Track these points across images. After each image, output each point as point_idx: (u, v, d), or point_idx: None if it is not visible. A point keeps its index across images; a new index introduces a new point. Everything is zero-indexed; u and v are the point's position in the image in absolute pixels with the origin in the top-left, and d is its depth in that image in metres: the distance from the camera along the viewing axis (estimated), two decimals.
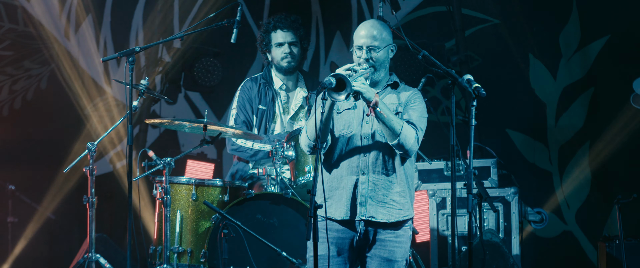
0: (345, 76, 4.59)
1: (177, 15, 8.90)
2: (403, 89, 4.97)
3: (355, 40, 4.89)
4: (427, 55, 5.27)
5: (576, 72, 8.34)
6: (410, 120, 4.83)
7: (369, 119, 4.85)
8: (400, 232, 4.88)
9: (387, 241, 4.85)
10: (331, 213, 4.85)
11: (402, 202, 4.86)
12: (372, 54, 4.84)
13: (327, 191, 4.87)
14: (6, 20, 8.76)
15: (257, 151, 6.50)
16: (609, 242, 7.08)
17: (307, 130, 4.85)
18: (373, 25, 4.88)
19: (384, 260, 4.85)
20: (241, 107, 6.60)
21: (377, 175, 4.83)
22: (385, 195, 4.83)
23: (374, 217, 4.82)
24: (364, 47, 4.84)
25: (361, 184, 4.82)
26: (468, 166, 5.00)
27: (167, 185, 6.07)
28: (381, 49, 4.85)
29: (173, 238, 6.11)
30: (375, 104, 4.66)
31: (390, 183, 4.84)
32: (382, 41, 4.85)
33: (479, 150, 7.66)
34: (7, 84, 8.79)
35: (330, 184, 4.88)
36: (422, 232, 7.46)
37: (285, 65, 6.58)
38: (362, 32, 4.87)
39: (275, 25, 6.58)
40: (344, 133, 4.87)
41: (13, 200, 8.47)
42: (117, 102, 8.87)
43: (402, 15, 8.64)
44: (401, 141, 4.74)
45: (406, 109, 4.88)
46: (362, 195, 4.82)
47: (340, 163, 4.87)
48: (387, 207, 4.83)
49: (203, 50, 8.54)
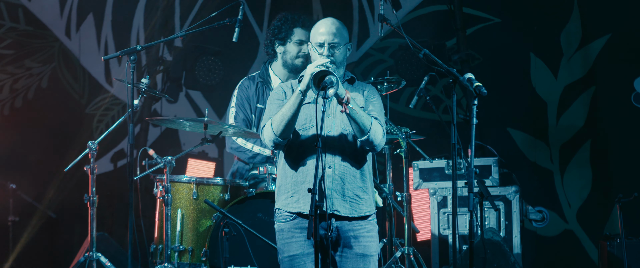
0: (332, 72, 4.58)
1: (178, 13, 8.90)
2: (359, 84, 4.96)
3: (314, 36, 4.86)
4: (428, 53, 5.27)
5: (577, 71, 8.34)
6: (373, 115, 4.82)
7: (330, 112, 4.83)
8: (370, 226, 4.86)
9: (360, 236, 4.82)
10: (299, 207, 4.82)
11: (365, 197, 4.85)
12: (334, 51, 4.83)
13: (293, 186, 4.83)
14: (7, 19, 8.77)
15: (257, 154, 6.48)
16: (610, 240, 7.08)
17: (273, 125, 4.75)
18: (333, 23, 4.88)
19: (358, 256, 4.81)
20: (240, 106, 6.58)
21: (343, 169, 4.80)
22: (349, 189, 4.81)
23: (338, 211, 4.79)
24: (325, 43, 4.84)
25: (327, 178, 4.78)
26: (469, 165, 5.00)
27: (168, 183, 6.07)
28: (341, 46, 4.85)
29: (174, 237, 6.11)
30: (347, 100, 4.65)
31: (354, 178, 4.82)
32: (342, 38, 4.86)
33: (480, 149, 7.66)
34: (8, 82, 8.79)
35: (295, 179, 4.84)
36: (423, 230, 7.46)
37: (299, 64, 6.53)
38: (322, 29, 4.85)
39: (304, 22, 6.47)
40: (306, 126, 4.84)
41: (14, 199, 8.47)
42: (118, 101, 8.88)
43: (403, 13, 8.64)
44: (371, 137, 4.73)
45: (367, 104, 4.88)
46: (328, 188, 4.79)
47: (304, 158, 4.84)
48: (350, 201, 4.81)
49: (204, 49, 8.54)
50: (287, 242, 4.80)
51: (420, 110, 8.45)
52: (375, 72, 8.64)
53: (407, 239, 6.61)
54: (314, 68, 4.62)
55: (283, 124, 4.70)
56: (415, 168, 7.45)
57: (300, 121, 4.81)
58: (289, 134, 4.74)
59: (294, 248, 4.77)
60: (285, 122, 4.68)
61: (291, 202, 4.82)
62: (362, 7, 8.79)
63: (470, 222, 5.10)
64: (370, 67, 8.79)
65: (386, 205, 6.71)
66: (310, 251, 4.76)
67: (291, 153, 4.86)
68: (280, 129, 4.72)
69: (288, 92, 4.91)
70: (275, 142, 4.78)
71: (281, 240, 4.83)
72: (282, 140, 4.73)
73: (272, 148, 4.84)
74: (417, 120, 8.29)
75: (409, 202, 6.73)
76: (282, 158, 4.90)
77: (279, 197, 4.87)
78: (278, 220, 4.86)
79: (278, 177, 4.93)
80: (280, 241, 4.84)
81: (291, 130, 4.75)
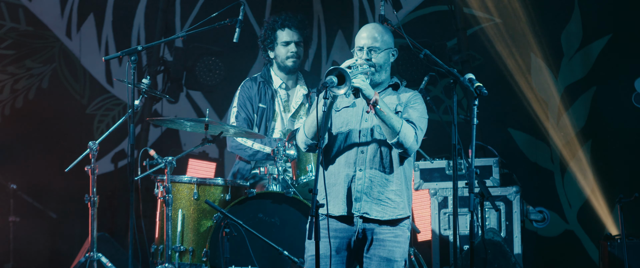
0: (345, 70, 4.60)
1: (179, 14, 8.90)
2: (404, 90, 4.99)
3: (356, 41, 4.92)
4: (429, 54, 5.27)
5: (578, 71, 8.33)
6: (410, 120, 4.84)
7: (367, 116, 4.86)
8: (399, 232, 4.87)
9: (386, 241, 4.84)
10: (329, 209, 4.85)
11: (398, 200, 4.86)
12: (372, 54, 4.85)
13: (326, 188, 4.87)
14: (8, 19, 8.77)
15: (257, 151, 6.50)
16: (610, 241, 7.08)
17: (304, 128, 4.88)
18: (375, 28, 4.92)
19: (382, 260, 4.84)
20: (242, 105, 6.60)
21: (374, 172, 4.83)
22: (380, 192, 4.83)
23: (368, 213, 4.81)
24: (365, 47, 4.88)
25: (357, 180, 4.81)
26: (470, 165, 5.00)
27: (169, 184, 6.07)
28: (382, 51, 4.87)
29: (175, 237, 6.11)
30: (375, 101, 4.67)
31: (386, 181, 4.84)
32: (383, 43, 4.88)
33: (481, 149, 7.66)
34: (8, 83, 8.79)
35: (327, 181, 4.88)
36: (424, 231, 7.45)
37: (290, 65, 6.58)
38: (363, 34, 4.91)
39: (283, 23, 6.56)
40: (342, 130, 4.88)
41: (14, 199, 8.47)
42: (118, 101, 8.87)
43: (403, 14, 8.64)
44: (400, 139, 4.74)
45: (406, 109, 4.89)
46: (358, 190, 4.82)
47: (337, 159, 4.88)
48: (381, 204, 4.82)
49: (205, 50, 8.54)
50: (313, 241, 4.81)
51: None
52: None
53: None
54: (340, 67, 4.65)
55: (313, 126, 4.78)
56: (416, 168, 7.45)
57: (336, 124, 4.86)
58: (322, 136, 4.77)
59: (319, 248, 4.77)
60: (315, 124, 4.74)
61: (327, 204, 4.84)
62: (362, 7, 8.78)
63: (471, 223, 5.10)
64: None
65: None
66: (333, 252, 4.80)
67: (326, 156, 4.91)
68: (311, 131, 4.83)
69: None
70: (307, 144, 4.90)
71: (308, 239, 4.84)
72: (314, 142, 4.77)
73: (305, 150, 4.93)
74: None
75: None
76: None
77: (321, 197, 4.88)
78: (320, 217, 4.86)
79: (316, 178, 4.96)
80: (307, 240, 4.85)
81: (324, 132, 4.78)
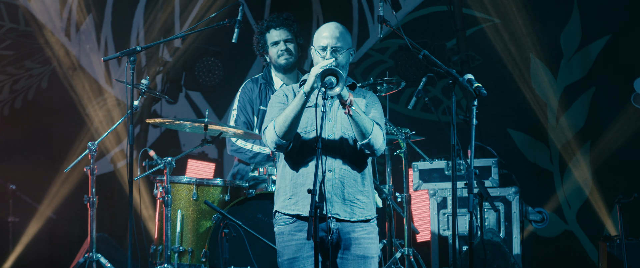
0: (338, 70, 4.59)
1: (178, 14, 8.91)
2: (360, 90, 4.98)
3: (316, 40, 4.86)
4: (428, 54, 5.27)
5: (577, 72, 8.34)
6: (375, 120, 4.83)
7: (331, 116, 4.84)
8: (371, 228, 4.86)
9: (361, 239, 4.82)
10: (298, 210, 4.82)
11: (366, 201, 4.85)
12: (337, 54, 4.83)
13: (292, 188, 4.83)
14: (7, 20, 8.77)
15: (257, 153, 6.50)
16: (609, 241, 7.09)
17: (276, 126, 4.76)
18: (337, 27, 4.88)
19: (359, 257, 4.82)
20: (242, 108, 6.60)
21: (343, 173, 4.81)
22: (350, 193, 4.82)
23: (338, 214, 4.79)
24: (328, 47, 4.84)
25: (327, 181, 4.79)
26: (469, 165, 5.00)
27: (168, 184, 6.06)
28: (344, 51, 4.85)
29: (174, 238, 6.11)
30: (350, 102, 4.65)
31: (355, 181, 4.83)
32: (345, 43, 4.86)
33: (480, 150, 7.66)
34: (7, 83, 8.79)
35: (295, 181, 4.84)
36: (423, 231, 7.46)
37: (283, 63, 6.59)
38: (325, 33, 4.86)
39: (268, 25, 6.61)
40: (308, 130, 4.85)
41: (14, 200, 8.47)
42: (118, 102, 8.88)
43: (403, 14, 8.64)
44: (371, 141, 4.73)
45: (368, 109, 4.88)
46: (328, 191, 4.80)
47: (306, 160, 4.85)
48: (351, 205, 4.81)
49: (204, 50, 8.54)
50: (286, 244, 4.80)
51: (420, 111, 8.45)
52: (375, 72, 8.64)
53: (407, 240, 6.61)
54: (319, 69, 4.63)
55: (286, 125, 4.69)
56: (415, 169, 7.45)
57: (301, 124, 4.81)
58: (291, 136, 4.74)
59: (293, 251, 4.77)
60: (288, 123, 4.68)
61: (289, 204, 4.82)
62: (361, 7, 8.78)
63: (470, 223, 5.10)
64: (370, 68, 8.79)
65: (386, 206, 6.71)
66: (310, 254, 4.77)
67: (291, 156, 4.86)
68: (283, 130, 4.72)
69: (289, 95, 4.91)
70: (277, 144, 4.78)
71: (281, 243, 4.83)
72: (284, 142, 4.73)
73: (274, 149, 4.83)
74: (417, 121, 8.29)
75: (408, 203, 6.73)
76: (282, 160, 4.90)
77: (277, 199, 4.87)
78: (278, 223, 4.85)
79: (277, 179, 4.93)
80: (279, 244, 4.84)
81: (294, 132, 4.75)
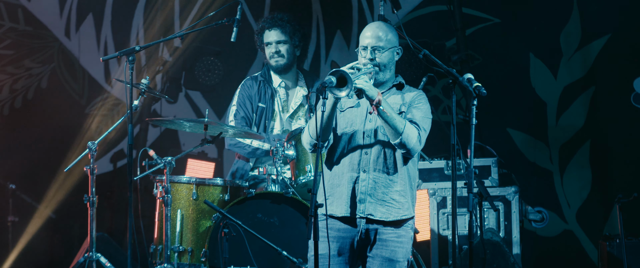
0: (346, 72, 4.59)
1: (178, 14, 8.90)
2: (408, 89, 4.98)
3: (360, 40, 4.91)
4: (428, 54, 5.27)
5: (577, 71, 8.33)
6: (414, 120, 4.84)
7: (371, 117, 4.86)
8: (402, 232, 4.87)
9: (389, 241, 4.85)
10: (332, 210, 4.85)
11: (402, 201, 4.86)
12: (376, 54, 4.85)
13: (328, 189, 4.87)
14: (7, 19, 8.76)
15: (256, 148, 6.52)
16: (609, 241, 7.08)
17: (309, 128, 4.87)
18: (379, 27, 4.90)
19: (385, 260, 4.84)
20: (241, 104, 6.62)
21: (378, 173, 4.83)
22: (385, 193, 4.84)
23: (373, 214, 4.82)
24: (369, 47, 4.86)
25: (361, 181, 4.82)
26: (469, 165, 5.00)
27: (168, 184, 6.07)
28: (386, 50, 4.86)
29: (174, 238, 6.12)
30: (378, 102, 4.67)
31: (390, 181, 4.84)
32: (388, 42, 4.87)
33: (480, 149, 7.66)
34: (7, 83, 8.79)
35: (331, 181, 4.89)
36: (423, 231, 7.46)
37: (273, 64, 6.62)
38: (367, 33, 4.90)
39: (263, 25, 6.65)
40: (347, 131, 4.88)
41: (13, 199, 8.47)
42: (117, 101, 8.87)
43: (402, 14, 8.63)
44: (403, 140, 4.75)
45: (410, 109, 4.89)
46: (362, 192, 4.82)
47: (341, 160, 4.88)
48: (386, 205, 4.83)
49: (204, 49, 8.54)
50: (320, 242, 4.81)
51: None
52: None
53: None
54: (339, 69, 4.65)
55: (318, 126, 4.72)
56: None
57: (341, 125, 4.85)
58: (326, 137, 4.77)
59: (320, 248, 4.77)
60: (318, 124, 4.69)
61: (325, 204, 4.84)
62: (361, 7, 8.78)
63: (470, 223, 5.10)
64: None
65: None
66: (334, 253, 4.80)
67: (330, 157, 4.91)
68: (313, 131, 4.79)
69: None
70: (311, 145, 4.85)
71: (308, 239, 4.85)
72: (319, 142, 4.73)
73: (310, 151, 4.90)
74: None
75: None
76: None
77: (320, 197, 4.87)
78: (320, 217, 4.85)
79: None
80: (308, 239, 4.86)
81: (328, 133, 4.77)
